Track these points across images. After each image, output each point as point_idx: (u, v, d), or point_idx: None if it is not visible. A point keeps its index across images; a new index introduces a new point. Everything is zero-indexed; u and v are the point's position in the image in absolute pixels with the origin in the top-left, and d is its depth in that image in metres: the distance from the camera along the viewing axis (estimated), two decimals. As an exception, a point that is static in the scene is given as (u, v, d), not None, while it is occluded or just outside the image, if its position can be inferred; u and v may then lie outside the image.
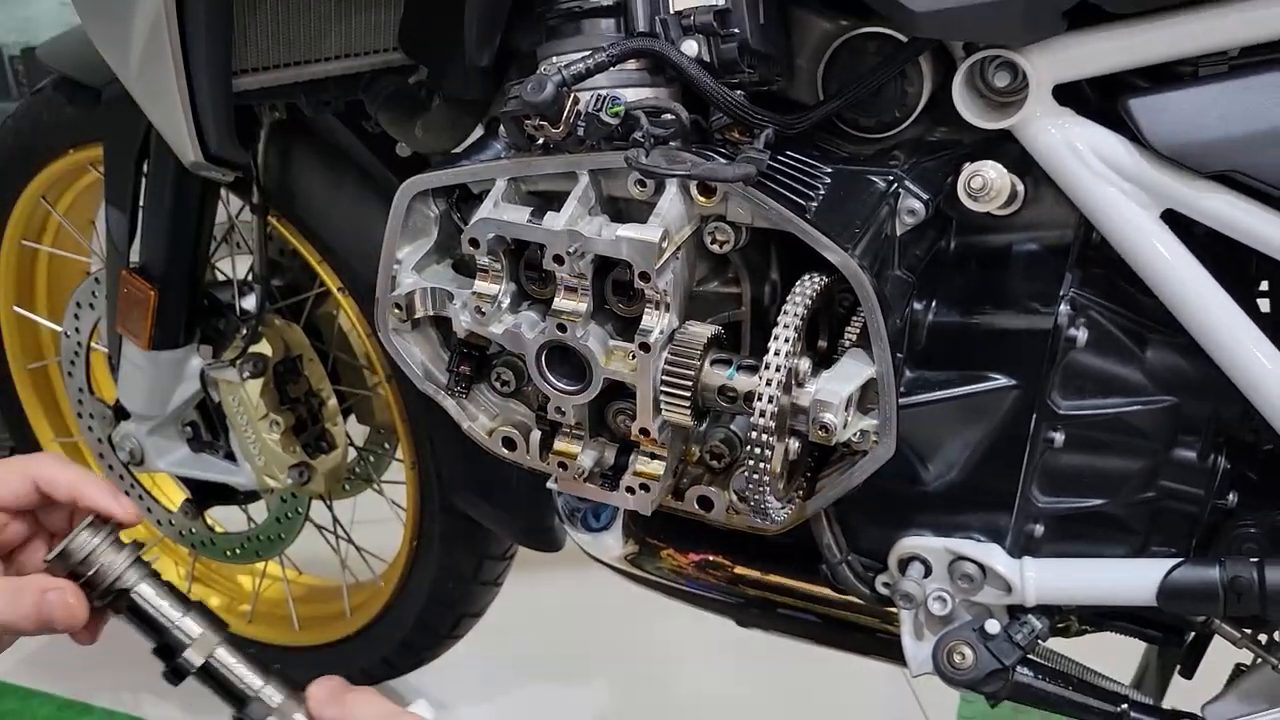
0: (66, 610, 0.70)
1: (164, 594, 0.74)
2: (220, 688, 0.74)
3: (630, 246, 0.76)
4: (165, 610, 0.74)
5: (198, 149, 0.93)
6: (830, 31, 0.87)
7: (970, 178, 0.83)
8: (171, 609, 0.74)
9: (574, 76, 0.75)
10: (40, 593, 0.70)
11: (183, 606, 0.74)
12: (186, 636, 0.73)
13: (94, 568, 0.72)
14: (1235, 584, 0.85)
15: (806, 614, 1.10)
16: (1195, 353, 0.84)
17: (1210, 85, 0.80)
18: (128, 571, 0.73)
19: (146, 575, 0.74)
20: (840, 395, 0.76)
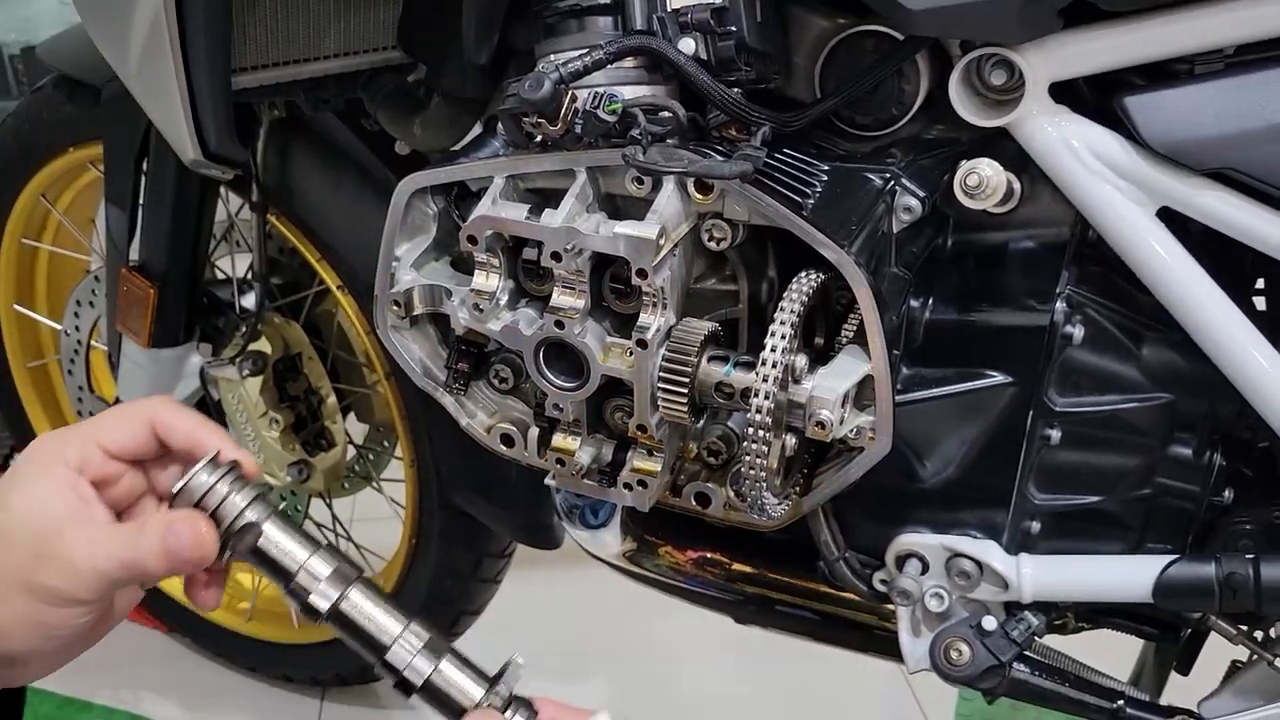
0: (196, 539, 0.64)
1: (290, 534, 0.68)
2: (352, 633, 0.68)
3: (627, 243, 0.76)
4: (291, 550, 0.67)
5: (197, 147, 0.94)
6: (827, 29, 0.87)
7: (966, 175, 0.84)
8: (299, 549, 0.68)
9: (571, 74, 0.75)
10: (165, 526, 0.64)
11: (310, 546, 0.68)
12: (314, 578, 0.67)
13: (216, 506, 0.66)
14: (1231, 580, 0.86)
15: (804, 611, 1.10)
16: (1191, 350, 0.85)
17: (1206, 83, 0.80)
18: (250, 509, 0.67)
19: (271, 514, 0.68)
20: (836, 392, 0.77)
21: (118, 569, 0.63)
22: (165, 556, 0.63)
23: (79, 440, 0.66)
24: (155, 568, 0.63)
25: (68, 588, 0.62)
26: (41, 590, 0.62)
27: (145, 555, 0.63)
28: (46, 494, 0.64)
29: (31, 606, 0.62)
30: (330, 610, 0.67)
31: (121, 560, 0.63)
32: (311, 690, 1.70)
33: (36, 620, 0.62)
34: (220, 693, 1.72)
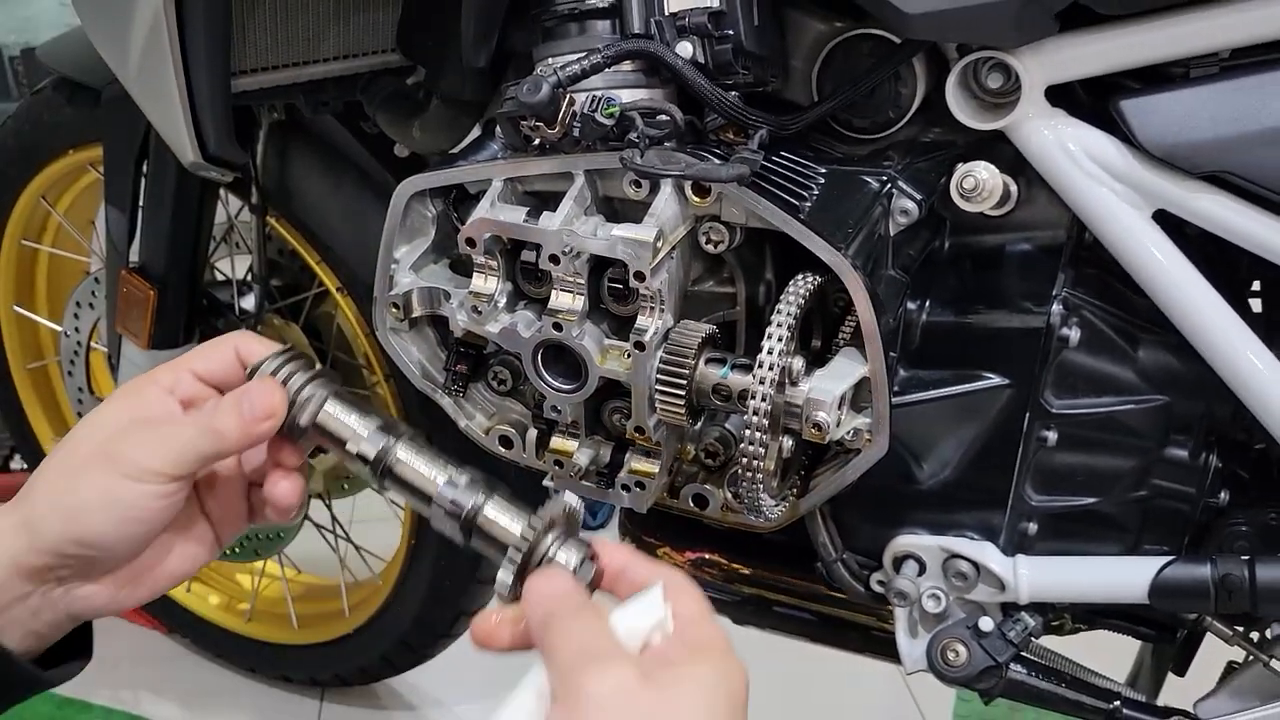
0: (266, 399, 0.66)
1: (350, 406, 0.70)
2: (404, 486, 0.69)
3: (625, 246, 0.76)
4: (350, 419, 0.69)
5: (197, 149, 0.94)
6: (824, 33, 0.87)
7: (962, 178, 0.84)
8: (357, 418, 0.69)
9: (569, 78, 0.76)
10: (239, 393, 0.67)
11: (369, 416, 0.70)
12: (364, 439, 0.69)
13: (284, 380, 0.69)
14: (1226, 582, 0.86)
15: (802, 612, 1.10)
16: (1187, 352, 0.85)
17: (1201, 87, 0.81)
18: (313, 385, 0.69)
19: (333, 391, 0.70)
20: (833, 394, 0.77)
21: (196, 435, 0.65)
22: (239, 417, 0.65)
23: (170, 367, 0.69)
24: (231, 430, 0.65)
25: (146, 458, 0.63)
26: (121, 459, 0.63)
27: (221, 419, 0.65)
28: (139, 399, 0.67)
29: (110, 478, 0.63)
30: (378, 462, 0.68)
31: (200, 427, 0.65)
32: (310, 690, 1.71)
33: (113, 495, 0.63)
34: (219, 693, 1.72)
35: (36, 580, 0.64)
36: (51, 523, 0.63)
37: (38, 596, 0.64)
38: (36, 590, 0.64)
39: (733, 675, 0.59)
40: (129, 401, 0.67)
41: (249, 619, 1.69)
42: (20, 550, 0.63)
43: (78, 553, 0.64)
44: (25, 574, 0.63)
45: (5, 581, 0.63)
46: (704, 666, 0.59)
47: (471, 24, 0.84)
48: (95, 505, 0.63)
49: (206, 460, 0.66)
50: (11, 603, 0.63)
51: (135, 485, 0.63)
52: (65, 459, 0.65)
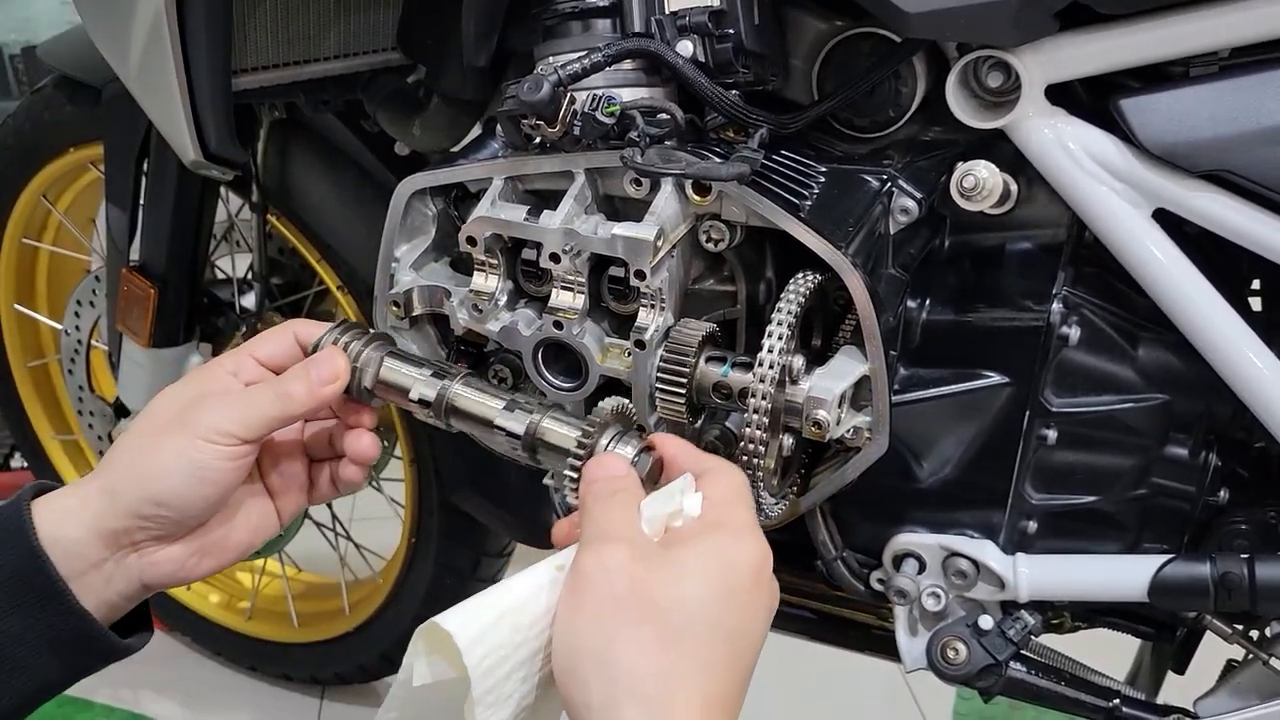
0: (332, 363, 0.73)
1: (407, 360, 0.77)
2: (465, 417, 0.76)
3: (625, 245, 0.76)
4: (408, 370, 0.76)
5: (197, 148, 0.94)
6: (825, 32, 0.87)
7: (962, 177, 0.84)
8: (414, 368, 0.76)
9: (570, 76, 0.76)
10: (305, 363, 0.73)
11: (426, 366, 0.77)
12: (423, 383, 0.76)
13: (346, 347, 0.75)
14: (1226, 580, 0.86)
15: (802, 610, 1.10)
16: (1187, 351, 0.85)
17: (1201, 85, 0.81)
18: (371, 348, 0.76)
19: (390, 350, 0.77)
20: (833, 392, 0.77)
21: (268, 399, 0.70)
22: (307, 382, 0.71)
23: (232, 353, 0.75)
24: (300, 393, 0.71)
25: (220, 421, 0.68)
26: (196, 424, 0.68)
27: (291, 384, 0.71)
28: (206, 378, 0.73)
29: (185, 441, 0.68)
30: (440, 401, 0.75)
31: (272, 392, 0.71)
32: (311, 689, 1.71)
33: (188, 456, 0.67)
34: (220, 691, 1.73)
35: (113, 545, 0.68)
36: (130, 485, 0.68)
37: (112, 563, 0.68)
38: (112, 556, 0.68)
39: (734, 550, 0.61)
40: (197, 380, 0.73)
41: (249, 617, 1.69)
42: (102, 513, 0.68)
43: (154, 513, 0.68)
44: (104, 537, 0.68)
45: (88, 544, 0.67)
46: (706, 542, 0.61)
47: (472, 23, 0.84)
48: (171, 467, 0.68)
49: (276, 423, 0.71)
50: (89, 568, 0.67)
51: (209, 446, 0.68)
52: (142, 430, 0.69)
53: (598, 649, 0.57)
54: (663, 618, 0.57)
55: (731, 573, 0.60)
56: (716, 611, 0.58)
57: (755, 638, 0.60)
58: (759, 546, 0.62)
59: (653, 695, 0.56)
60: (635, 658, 0.56)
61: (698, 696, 0.56)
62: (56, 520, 0.67)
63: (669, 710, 0.55)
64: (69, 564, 0.67)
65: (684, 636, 0.57)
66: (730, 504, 0.64)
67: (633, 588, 0.58)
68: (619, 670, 0.56)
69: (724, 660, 0.58)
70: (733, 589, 0.59)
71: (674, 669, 0.56)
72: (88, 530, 0.67)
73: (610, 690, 0.56)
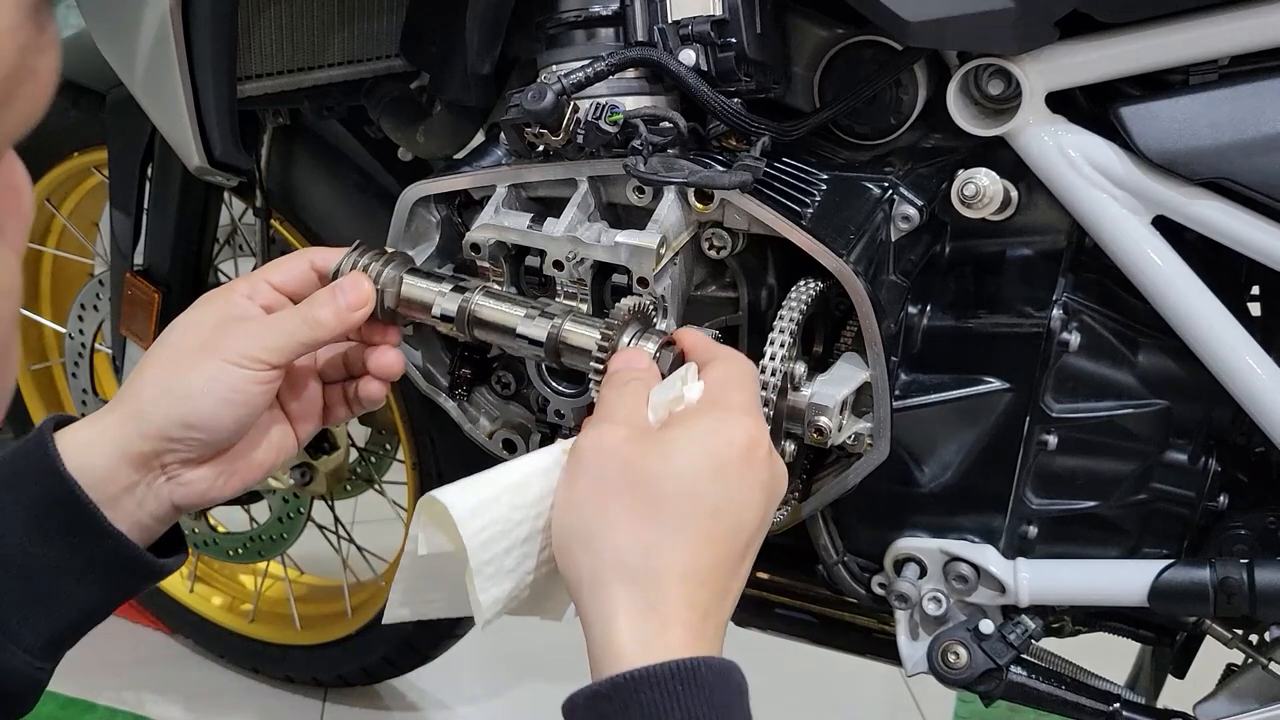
0: (356, 286, 0.74)
1: (426, 276, 0.78)
2: (488, 328, 0.77)
3: (629, 253, 0.77)
4: (428, 286, 0.77)
5: (202, 154, 0.94)
6: (826, 40, 0.88)
7: (963, 185, 0.84)
8: (435, 283, 0.77)
9: (574, 85, 0.76)
10: (332, 288, 0.74)
11: (445, 280, 0.78)
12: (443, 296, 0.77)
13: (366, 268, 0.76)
14: (1225, 585, 0.86)
15: (803, 614, 1.11)
16: (1187, 357, 0.85)
17: (1200, 94, 0.81)
18: (390, 267, 0.77)
19: (409, 268, 0.78)
20: (835, 399, 0.78)
21: (297, 324, 0.71)
22: (335, 306, 0.72)
23: (247, 278, 0.75)
24: (329, 318, 0.72)
25: (250, 346, 0.70)
26: (226, 349, 0.69)
27: (319, 309, 0.72)
28: (224, 303, 0.73)
29: (215, 365, 0.69)
30: (462, 314, 0.76)
31: (300, 317, 0.72)
32: (314, 691, 1.71)
33: (218, 379, 0.69)
34: (223, 694, 1.73)
35: (143, 468, 0.69)
36: (161, 407, 0.69)
37: (143, 486, 0.69)
38: (143, 479, 0.69)
39: (724, 428, 0.62)
40: (215, 306, 0.73)
41: (252, 620, 1.69)
42: (129, 438, 0.68)
43: (185, 435, 0.69)
44: (133, 461, 0.68)
45: (115, 469, 0.68)
46: (699, 422, 0.63)
47: (476, 32, 0.84)
48: (202, 390, 0.69)
49: (305, 348, 0.72)
50: (120, 493, 0.68)
51: (238, 370, 0.69)
52: (170, 355, 0.71)
53: (587, 525, 0.60)
54: (649, 494, 0.59)
55: (719, 450, 0.61)
56: (701, 487, 0.60)
57: (746, 516, 0.61)
58: (751, 426, 0.63)
59: (636, 568, 0.58)
60: (621, 533, 0.59)
61: (679, 570, 0.58)
62: (82, 448, 0.67)
63: (652, 582, 0.57)
64: (100, 490, 0.67)
65: (669, 512, 0.59)
66: (728, 387, 0.66)
67: (623, 466, 0.60)
68: (605, 545, 0.59)
69: (709, 535, 0.59)
70: (720, 466, 0.60)
71: (657, 543, 0.58)
72: (115, 455, 0.68)
73: (596, 564, 0.59)
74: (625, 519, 0.59)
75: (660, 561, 0.58)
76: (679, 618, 0.57)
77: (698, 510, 0.59)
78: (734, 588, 0.61)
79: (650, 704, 0.54)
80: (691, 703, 0.54)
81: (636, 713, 0.54)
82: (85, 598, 0.67)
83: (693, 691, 0.55)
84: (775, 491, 0.63)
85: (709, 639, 0.58)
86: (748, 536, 0.61)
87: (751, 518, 0.61)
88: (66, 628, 0.67)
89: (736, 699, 0.57)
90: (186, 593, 1.71)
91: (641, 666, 0.55)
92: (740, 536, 0.61)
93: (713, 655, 0.57)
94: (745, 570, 0.62)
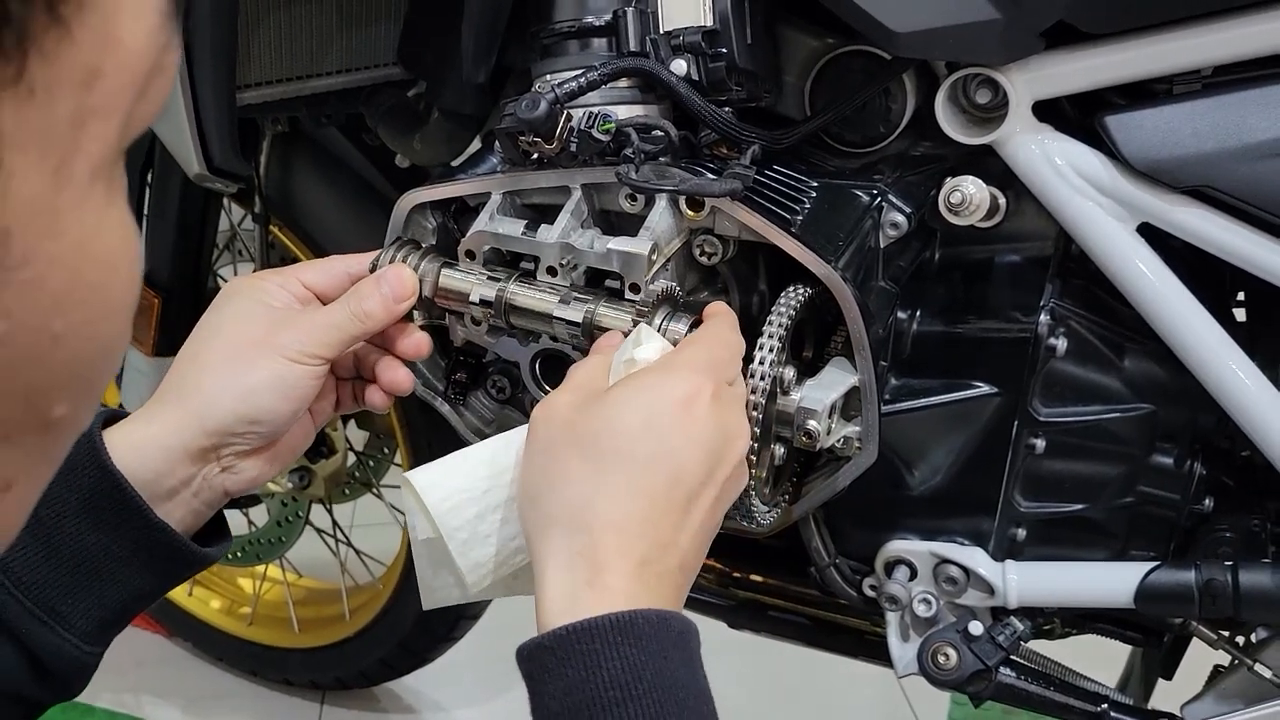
0: (399, 276, 0.77)
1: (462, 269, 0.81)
2: (526, 315, 0.80)
3: (621, 259, 0.78)
4: (464, 277, 0.80)
5: (202, 162, 0.95)
6: (816, 50, 0.89)
7: (950, 193, 0.85)
8: (472, 275, 0.80)
9: (567, 94, 0.77)
10: (376, 280, 0.76)
11: (484, 271, 0.81)
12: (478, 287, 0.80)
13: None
14: (1210, 587, 0.88)
15: (796, 616, 1.12)
16: (1172, 362, 0.86)
17: (1184, 103, 0.82)
18: (427, 261, 0.80)
19: (444, 262, 0.81)
20: (824, 403, 0.79)
21: (347, 319, 0.74)
22: (382, 299, 0.75)
23: (276, 271, 0.78)
24: (377, 311, 0.75)
25: (305, 343, 0.73)
26: (284, 347, 0.73)
27: (367, 303, 0.75)
28: (260, 293, 0.76)
29: (276, 363, 0.72)
30: (499, 301, 0.79)
31: (349, 311, 0.75)
32: (311, 694, 1.72)
33: (279, 376, 0.72)
34: (221, 696, 1.74)
35: (200, 461, 0.73)
36: (224, 405, 0.72)
37: (200, 479, 0.73)
38: (200, 472, 0.73)
39: (662, 383, 0.66)
40: (250, 298, 0.76)
41: (250, 623, 1.70)
42: (191, 435, 0.72)
43: (247, 430, 0.73)
44: (192, 456, 0.72)
45: (174, 465, 0.72)
46: (640, 379, 0.66)
47: (472, 42, 0.85)
48: (265, 386, 0.72)
49: (354, 341, 0.75)
50: (179, 485, 0.72)
51: (297, 366, 0.72)
52: (227, 351, 0.73)
53: (535, 484, 0.64)
54: (586, 450, 0.63)
55: (653, 402, 0.64)
56: (633, 439, 0.63)
57: (683, 467, 0.63)
58: (691, 379, 0.65)
59: (570, 519, 0.61)
60: (561, 488, 0.63)
61: (612, 519, 0.61)
62: (138, 445, 0.70)
63: (583, 531, 0.61)
64: (157, 484, 0.71)
65: (603, 464, 0.62)
66: (686, 346, 0.70)
67: (565, 426, 0.64)
68: (548, 500, 0.63)
69: (640, 486, 0.62)
70: (651, 417, 0.63)
71: (591, 495, 0.62)
72: (175, 451, 0.71)
73: (538, 518, 0.63)
74: (566, 475, 0.63)
75: (592, 512, 0.61)
76: (611, 565, 0.60)
77: (629, 462, 0.62)
78: (680, 541, 0.63)
79: (590, 654, 0.57)
80: (630, 651, 0.57)
81: (578, 662, 0.57)
82: (133, 583, 0.70)
83: (631, 641, 0.57)
84: (717, 445, 0.65)
85: (650, 588, 0.60)
86: (687, 489, 0.63)
87: (691, 469, 0.63)
88: (114, 611, 0.70)
89: (675, 648, 0.59)
90: (185, 596, 1.72)
91: (584, 619, 0.58)
92: (678, 489, 0.63)
93: (655, 607, 0.59)
94: (695, 523, 0.64)
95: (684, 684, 0.58)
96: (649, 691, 0.56)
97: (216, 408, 0.72)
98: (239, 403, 0.72)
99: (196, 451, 0.72)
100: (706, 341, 0.70)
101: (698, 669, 0.61)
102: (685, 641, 0.60)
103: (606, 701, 0.56)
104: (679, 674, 0.58)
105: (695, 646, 0.61)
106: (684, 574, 0.63)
